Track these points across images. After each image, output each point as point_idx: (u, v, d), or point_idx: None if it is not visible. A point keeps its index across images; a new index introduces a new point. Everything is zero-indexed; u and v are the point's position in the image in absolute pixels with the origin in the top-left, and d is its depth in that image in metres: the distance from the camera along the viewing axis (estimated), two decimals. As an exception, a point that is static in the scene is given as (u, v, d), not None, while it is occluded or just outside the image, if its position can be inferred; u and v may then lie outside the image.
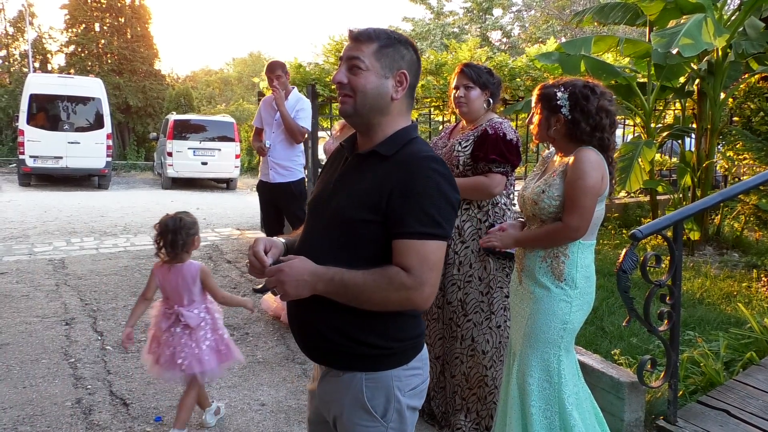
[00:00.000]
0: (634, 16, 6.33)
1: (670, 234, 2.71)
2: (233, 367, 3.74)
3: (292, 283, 1.41)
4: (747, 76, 5.86)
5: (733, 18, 5.91)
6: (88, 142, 13.84)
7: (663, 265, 2.81)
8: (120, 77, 25.69)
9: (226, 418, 3.13)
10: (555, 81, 2.34)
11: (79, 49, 26.28)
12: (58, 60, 27.71)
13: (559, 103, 2.24)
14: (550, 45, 7.83)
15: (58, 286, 5.37)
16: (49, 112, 14.11)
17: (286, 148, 4.71)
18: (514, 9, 29.43)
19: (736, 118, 6.11)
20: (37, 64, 25.76)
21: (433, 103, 7.24)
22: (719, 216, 6.14)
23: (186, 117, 16.98)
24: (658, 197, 6.47)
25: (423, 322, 1.60)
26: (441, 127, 7.56)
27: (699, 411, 2.87)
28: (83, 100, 14.31)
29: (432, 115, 7.67)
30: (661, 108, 7.18)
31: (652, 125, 6.29)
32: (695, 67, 5.84)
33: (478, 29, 27.42)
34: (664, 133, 6.46)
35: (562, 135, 2.27)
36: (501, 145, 2.72)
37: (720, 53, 5.67)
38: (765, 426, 2.71)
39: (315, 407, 1.65)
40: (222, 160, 15.16)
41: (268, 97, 4.81)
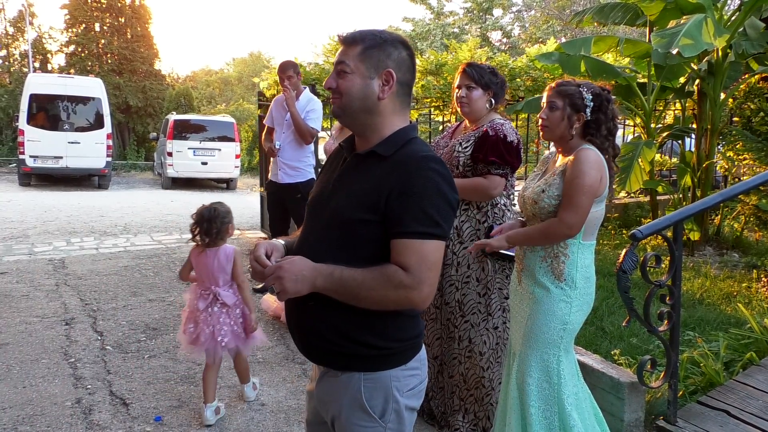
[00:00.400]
0: (634, 16, 6.32)
1: (670, 234, 2.71)
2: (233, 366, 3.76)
3: (291, 278, 1.41)
4: (747, 76, 5.86)
5: (733, 18, 5.90)
6: (88, 142, 13.85)
7: (663, 266, 2.81)
8: (120, 77, 25.69)
9: (226, 418, 3.13)
10: (569, 80, 2.35)
11: (79, 49, 26.26)
12: (58, 60, 27.72)
13: (585, 102, 2.25)
14: (550, 45, 7.82)
15: (58, 286, 5.37)
16: (49, 112, 14.11)
17: (295, 148, 4.68)
18: (514, 9, 29.46)
19: (736, 119, 6.10)
20: (37, 64, 25.74)
21: (433, 104, 7.22)
22: (719, 216, 6.14)
23: (186, 117, 16.99)
24: (658, 197, 6.46)
25: (422, 323, 1.60)
26: (441, 127, 7.54)
27: (699, 411, 2.87)
28: (83, 100, 14.32)
29: (432, 116, 7.65)
30: (661, 108, 7.17)
31: (652, 125, 6.29)
32: (695, 67, 5.83)
33: (479, 29, 27.42)
34: (664, 134, 6.46)
35: (576, 135, 2.28)
36: (501, 147, 2.71)
37: (720, 53, 5.67)
38: (765, 426, 2.71)
39: (313, 408, 1.65)
40: (222, 160, 15.17)
41: (280, 97, 4.75)
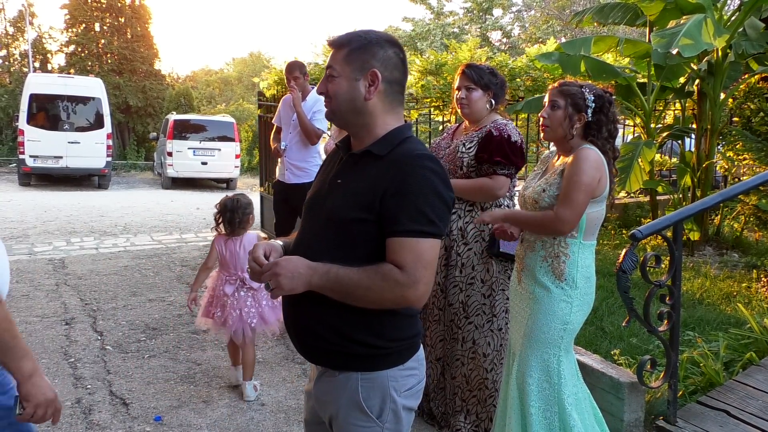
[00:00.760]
0: (634, 16, 6.32)
1: (669, 234, 2.71)
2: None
3: (287, 275, 1.41)
4: (747, 76, 5.86)
5: (733, 18, 5.90)
6: (88, 141, 13.86)
7: (663, 266, 2.82)
8: (120, 77, 25.69)
9: (226, 418, 3.14)
10: (571, 81, 2.36)
11: (79, 49, 26.26)
12: (58, 60, 27.72)
13: (587, 103, 2.25)
14: (550, 45, 7.81)
15: (58, 285, 5.37)
16: (49, 112, 14.12)
17: (301, 149, 4.67)
18: (514, 9, 29.44)
19: (736, 119, 6.10)
20: (37, 64, 25.74)
21: (433, 104, 7.22)
22: (719, 216, 6.13)
23: (186, 117, 17.00)
24: (658, 197, 6.46)
25: (419, 322, 1.60)
26: (441, 127, 7.54)
27: (699, 411, 2.87)
28: (83, 100, 14.32)
29: (432, 116, 7.64)
30: (661, 108, 7.17)
31: (652, 125, 6.28)
32: (695, 67, 5.83)
33: (478, 29, 27.42)
34: (664, 134, 6.45)
35: (577, 135, 2.28)
36: (505, 147, 2.71)
37: (720, 53, 5.67)
38: (765, 426, 2.71)
39: (311, 407, 1.65)
40: (222, 160, 15.17)
41: (288, 97, 4.73)
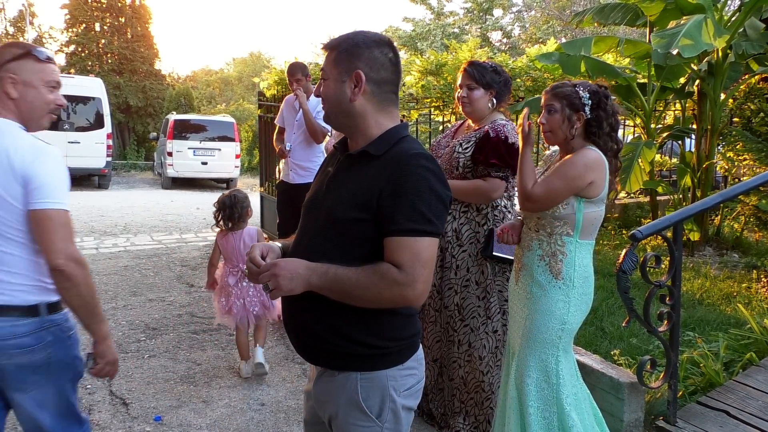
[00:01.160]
0: (634, 16, 6.32)
1: (670, 235, 2.71)
2: (233, 366, 3.76)
3: (286, 275, 1.42)
4: (747, 76, 5.86)
5: (733, 19, 5.90)
6: (88, 141, 13.84)
7: (663, 266, 2.82)
8: (120, 77, 25.70)
9: (226, 418, 3.14)
10: (563, 82, 2.34)
11: (80, 49, 26.28)
12: (59, 60, 27.67)
13: (583, 102, 2.23)
14: (551, 45, 7.80)
15: (58, 285, 5.36)
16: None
17: (305, 149, 4.69)
18: (514, 9, 29.43)
19: (736, 119, 6.10)
20: (37, 64, 25.71)
21: (433, 104, 7.22)
22: (719, 217, 6.13)
23: (186, 117, 16.97)
24: (658, 198, 6.46)
25: (418, 322, 1.60)
26: (441, 127, 7.53)
27: (698, 411, 2.87)
28: (83, 100, 14.30)
29: (432, 116, 7.64)
30: (661, 109, 7.16)
31: (652, 126, 6.28)
32: (695, 67, 5.83)
33: (479, 30, 27.42)
34: (664, 134, 6.45)
35: (578, 135, 2.27)
36: (502, 149, 2.66)
37: (720, 54, 5.67)
38: (764, 427, 2.71)
39: (311, 407, 1.65)
40: (222, 160, 15.16)
41: (290, 97, 4.75)
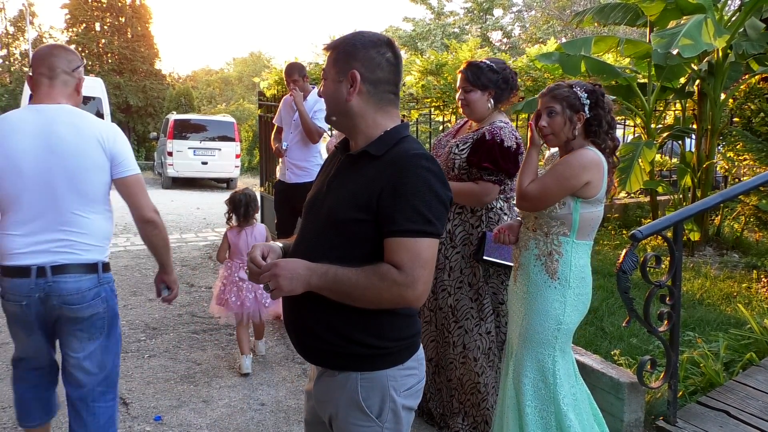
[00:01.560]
0: (634, 16, 6.32)
1: (670, 235, 2.71)
2: (233, 366, 3.76)
3: (286, 276, 1.42)
4: (747, 76, 5.86)
5: (733, 19, 5.90)
6: (88, 141, 13.84)
7: (663, 266, 2.82)
8: (120, 77, 25.73)
9: (226, 418, 3.14)
10: (558, 83, 2.33)
11: (80, 49, 26.25)
12: (59, 59, 27.72)
13: (582, 102, 2.24)
14: (551, 45, 7.80)
15: (58, 285, 5.36)
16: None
17: (301, 148, 4.69)
18: (514, 9, 29.44)
19: (736, 119, 6.10)
20: (37, 64, 25.74)
21: (434, 104, 7.22)
22: (719, 217, 6.13)
23: (186, 117, 16.96)
24: (659, 198, 6.46)
25: (419, 322, 1.60)
26: (441, 127, 7.53)
27: (699, 411, 2.87)
28: (84, 100, 14.14)
29: (432, 116, 7.65)
30: (661, 108, 7.16)
31: (653, 126, 6.28)
32: (695, 67, 5.83)
33: (479, 29, 27.43)
34: (665, 134, 6.45)
35: (579, 135, 2.27)
36: (496, 153, 2.62)
37: (720, 54, 5.67)
38: (764, 427, 2.71)
39: (311, 407, 1.65)
40: (222, 159, 15.16)
41: (288, 97, 4.76)
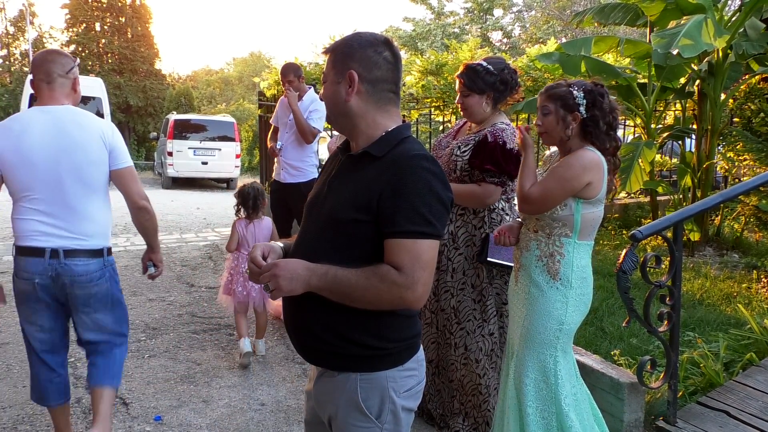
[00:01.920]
0: (634, 16, 6.32)
1: (670, 235, 2.71)
2: (233, 366, 3.76)
3: (286, 276, 1.41)
4: (747, 77, 5.86)
5: (733, 19, 5.90)
6: (88, 141, 13.84)
7: (663, 266, 2.81)
8: (120, 77, 25.73)
9: (226, 418, 3.14)
10: (558, 82, 2.32)
11: (80, 49, 26.30)
12: (59, 59, 27.72)
13: (577, 102, 2.21)
14: (551, 45, 7.81)
15: (58, 285, 5.36)
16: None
17: (296, 148, 4.69)
18: (514, 9, 29.46)
19: (736, 119, 6.10)
20: (37, 64, 25.74)
21: (434, 104, 7.23)
22: (719, 217, 6.13)
23: (186, 117, 16.97)
24: (659, 198, 6.46)
25: (419, 323, 1.59)
26: (441, 127, 7.54)
27: (699, 412, 2.87)
28: (83, 100, 14.07)
29: (432, 116, 7.65)
30: (661, 109, 7.16)
31: (653, 126, 6.28)
32: (696, 67, 5.83)
33: (479, 29, 27.44)
34: (665, 134, 6.45)
35: (575, 135, 2.25)
36: (498, 154, 2.63)
37: (720, 54, 5.67)
38: (765, 427, 2.71)
39: (311, 408, 1.65)
40: (222, 159, 15.17)
41: (285, 98, 4.80)
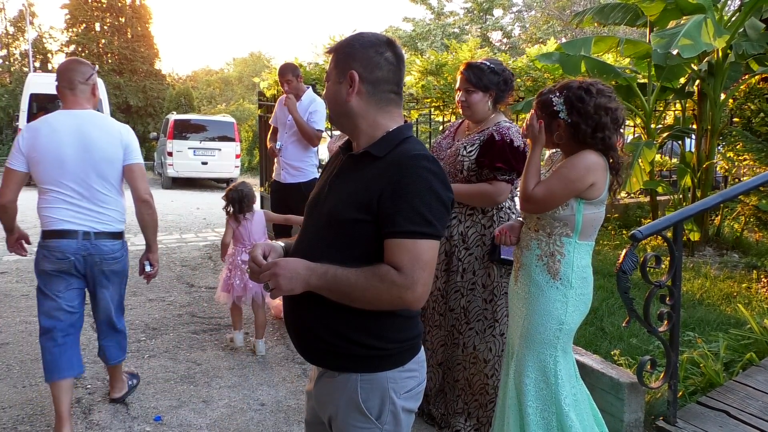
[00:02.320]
0: (634, 16, 6.33)
1: (670, 235, 2.71)
2: (233, 366, 3.76)
3: (286, 275, 1.41)
4: (747, 77, 5.86)
5: (733, 19, 5.90)
6: (88, 141, 13.84)
7: (663, 266, 2.81)
8: (120, 77, 25.73)
9: (226, 418, 3.13)
10: (552, 86, 2.34)
11: (80, 49, 26.31)
12: (59, 59, 27.71)
13: (555, 108, 2.23)
14: (551, 45, 7.80)
15: (58, 285, 5.36)
16: (49, 112, 13.96)
17: (297, 148, 4.68)
18: (514, 9, 29.46)
19: (736, 119, 6.10)
20: (37, 64, 25.80)
21: (434, 104, 7.22)
22: (719, 217, 6.13)
23: (186, 117, 16.98)
24: (659, 198, 6.46)
25: (420, 324, 1.59)
26: (441, 127, 7.53)
27: (699, 412, 2.87)
28: (83, 100, 14.29)
29: (432, 116, 7.65)
30: (661, 109, 7.17)
31: (653, 126, 6.29)
32: (695, 67, 5.84)
33: (479, 29, 27.44)
34: (665, 134, 6.46)
35: (566, 139, 2.26)
36: (507, 152, 2.66)
37: (720, 54, 5.67)
38: (764, 427, 2.71)
39: (312, 408, 1.65)
40: (222, 159, 15.17)
41: (283, 97, 4.75)
